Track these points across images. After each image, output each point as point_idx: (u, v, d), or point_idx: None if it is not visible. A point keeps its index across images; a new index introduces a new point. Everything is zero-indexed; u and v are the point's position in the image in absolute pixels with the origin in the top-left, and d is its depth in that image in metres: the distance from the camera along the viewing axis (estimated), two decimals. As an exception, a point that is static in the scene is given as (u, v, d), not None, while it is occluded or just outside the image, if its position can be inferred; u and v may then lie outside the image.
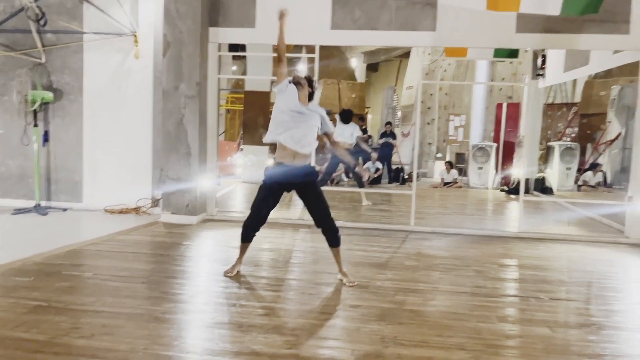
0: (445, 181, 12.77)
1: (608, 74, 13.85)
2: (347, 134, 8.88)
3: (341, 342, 3.19)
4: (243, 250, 4.58)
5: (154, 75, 7.29)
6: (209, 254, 5.61)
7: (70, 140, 7.57)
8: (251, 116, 12.35)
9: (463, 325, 3.51)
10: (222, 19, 6.91)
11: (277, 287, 4.27)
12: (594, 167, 12.59)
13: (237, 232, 5.60)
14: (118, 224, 6.54)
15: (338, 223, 4.37)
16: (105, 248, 5.38)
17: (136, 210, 7.36)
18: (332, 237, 4.38)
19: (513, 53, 9.31)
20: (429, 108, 18.79)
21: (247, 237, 4.49)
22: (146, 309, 3.63)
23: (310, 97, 4.39)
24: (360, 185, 8.91)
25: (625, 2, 6.30)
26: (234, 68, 18.27)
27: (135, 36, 7.24)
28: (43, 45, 7.44)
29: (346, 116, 9.10)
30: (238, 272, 4.55)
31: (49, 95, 7.27)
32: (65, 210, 7.42)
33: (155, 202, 7.39)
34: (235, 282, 4.33)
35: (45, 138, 7.55)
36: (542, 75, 11.11)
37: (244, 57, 13.10)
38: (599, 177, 12.41)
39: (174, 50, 6.74)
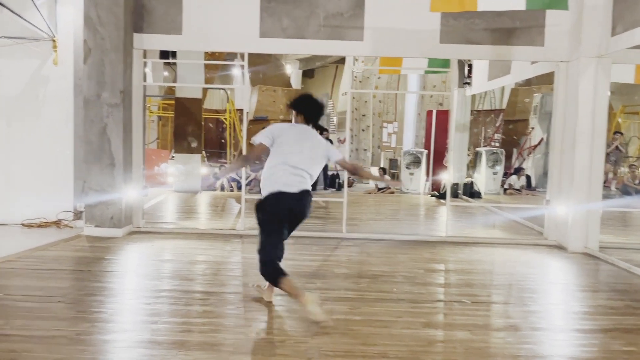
0: (379, 187, 12.98)
1: (531, 81, 14.59)
2: None
3: (266, 356, 3.14)
4: None
5: (75, 83, 6.96)
6: (134, 268, 5.40)
7: (-18, 151, 7.10)
8: (182, 123, 12.06)
9: (388, 332, 3.55)
10: (146, 25, 6.71)
11: (205, 302, 4.16)
12: (518, 171, 13.19)
13: (166, 243, 5.39)
14: (36, 239, 6.17)
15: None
16: (20, 265, 5.07)
17: (57, 223, 6.98)
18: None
19: (446, 64, 9.57)
20: (363, 115, 19.11)
21: None
22: (60, 330, 3.43)
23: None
24: None
25: (540, 16, 6.64)
26: (166, 74, 17.80)
27: (54, 41, 6.89)
28: (-49, 50, 6.95)
29: None
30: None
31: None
32: (-23, 225, 6.95)
33: (77, 215, 7.05)
34: (160, 298, 4.19)
35: (-45, 148, 7.05)
36: (468, 83, 11.56)
37: (175, 63, 12.82)
38: (523, 180, 13.02)
39: (95, 56, 6.47)
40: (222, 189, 12.33)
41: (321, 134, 4.20)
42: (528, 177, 13.34)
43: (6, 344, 3.17)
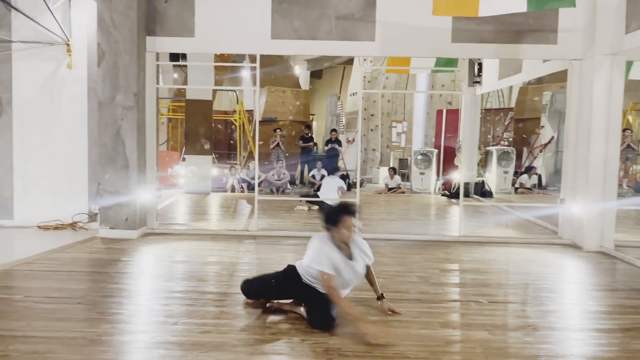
0: (389, 187, 12.97)
1: (541, 80, 14.52)
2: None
3: (285, 356, 3.16)
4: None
5: (89, 86, 7.03)
6: (150, 269, 5.44)
7: (-2, 154, 7.19)
8: (193, 125, 12.12)
9: (406, 333, 3.55)
10: (159, 28, 6.76)
11: (221, 303, 4.18)
12: (529, 170, 13.13)
13: (180, 245, 5.39)
14: (53, 241, 6.23)
15: (284, 233, 4.25)
16: (38, 267, 5.12)
17: (72, 225, 7.05)
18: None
19: (452, 63, 9.54)
20: (372, 115, 19.09)
21: None
22: (81, 331, 3.47)
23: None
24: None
25: (553, 14, 6.61)
26: (175, 76, 17.90)
27: (68, 45, 6.96)
28: (-33, 55, 7.04)
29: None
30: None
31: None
32: (-6, 228, 7.02)
33: (92, 217, 7.11)
34: (177, 299, 4.22)
35: (-29, 152, 7.13)
36: (479, 82, 11.51)
37: (185, 65, 12.91)
38: (534, 179, 12.96)
39: (109, 59, 6.52)
40: (233, 190, 12.37)
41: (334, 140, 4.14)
42: (539, 176, 13.27)
43: (29, 345, 3.21)
